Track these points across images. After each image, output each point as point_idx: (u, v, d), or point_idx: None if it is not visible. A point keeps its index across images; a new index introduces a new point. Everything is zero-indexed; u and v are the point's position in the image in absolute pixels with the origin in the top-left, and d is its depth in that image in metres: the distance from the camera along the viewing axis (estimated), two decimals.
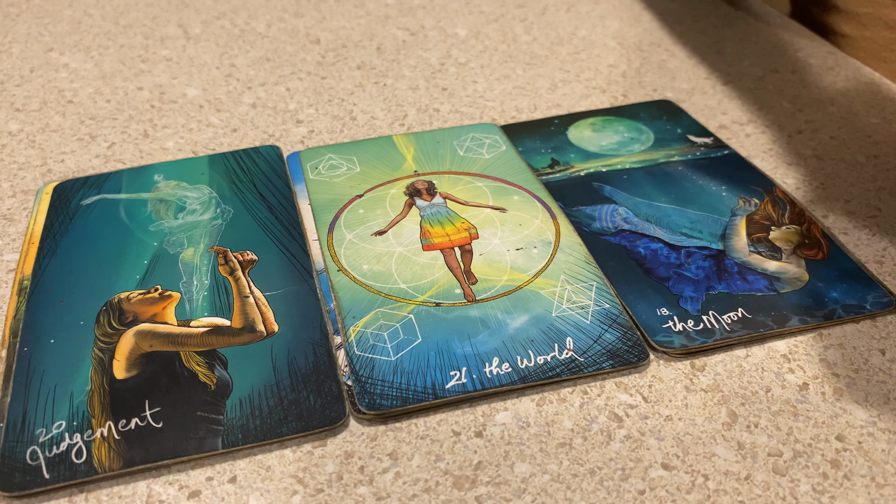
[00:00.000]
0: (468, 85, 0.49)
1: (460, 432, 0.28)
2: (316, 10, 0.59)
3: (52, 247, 0.35)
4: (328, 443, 0.28)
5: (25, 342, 0.31)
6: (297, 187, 0.40)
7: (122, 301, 0.32)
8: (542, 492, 0.26)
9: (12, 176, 0.41)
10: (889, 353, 0.31)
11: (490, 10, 0.59)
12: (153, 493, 0.26)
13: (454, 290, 0.33)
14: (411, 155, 0.42)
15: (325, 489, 0.26)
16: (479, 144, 0.43)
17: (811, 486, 0.26)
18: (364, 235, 0.36)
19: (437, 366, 0.30)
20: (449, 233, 0.36)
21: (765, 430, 0.28)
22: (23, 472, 0.26)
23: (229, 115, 0.46)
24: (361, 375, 0.29)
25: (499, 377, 0.29)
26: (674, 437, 0.28)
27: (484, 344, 0.30)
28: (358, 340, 0.31)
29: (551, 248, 0.35)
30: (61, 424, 0.28)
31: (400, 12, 0.59)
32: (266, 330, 0.31)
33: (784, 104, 0.47)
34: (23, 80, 0.50)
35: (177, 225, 0.37)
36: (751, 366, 0.30)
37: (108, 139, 0.44)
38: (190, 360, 0.30)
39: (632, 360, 0.30)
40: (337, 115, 0.46)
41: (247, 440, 0.27)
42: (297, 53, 0.53)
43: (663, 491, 0.26)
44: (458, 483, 0.26)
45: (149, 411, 0.28)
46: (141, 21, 0.58)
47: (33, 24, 0.57)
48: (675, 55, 0.53)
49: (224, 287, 0.33)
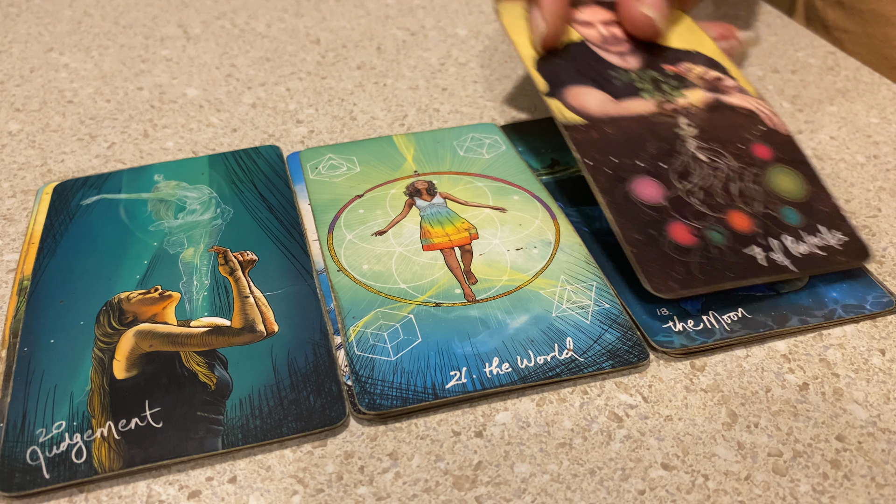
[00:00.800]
0: (468, 85, 0.49)
1: (460, 432, 0.28)
2: (316, 10, 0.59)
3: (52, 247, 0.35)
4: (328, 443, 0.28)
5: (25, 342, 0.31)
6: (297, 187, 0.40)
7: (122, 301, 0.32)
8: (542, 492, 0.26)
9: (12, 176, 0.41)
10: (889, 353, 0.31)
11: (490, 10, 0.59)
12: (153, 493, 0.26)
13: (454, 290, 0.33)
14: (411, 155, 0.42)
15: (325, 489, 0.26)
16: (480, 144, 0.43)
17: (811, 486, 0.26)
18: (364, 235, 0.36)
19: (437, 366, 0.30)
20: (449, 233, 0.36)
21: (765, 430, 0.28)
22: (23, 472, 0.26)
23: (229, 115, 0.46)
24: (361, 375, 0.29)
25: (499, 377, 0.29)
26: (674, 437, 0.28)
27: (484, 344, 0.30)
28: (358, 340, 0.31)
29: (551, 248, 0.35)
30: (61, 424, 0.28)
31: (400, 12, 0.59)
32: (266, 330, 0.31)
33: (784, 104, 0.47)
34: (23, 80, 0.50)
35: (177, 225, 0.37)
36: (751, 366, 0.30)
37: (108, 139, 0.44)
38: (190, 360, 0.30)
39: (632, 361, 0.30)
40: (337, 115, 0.46)
41: (247, 440, 0.27)
42: (297, 53, 0.53)
43: (663, 491, 0.26)
44: (458, 483, 0.26)
45: (149, 411, 0.28)
46: (141, 21, 0.58)
47: (33, 24, 0.57)
48: None
49: (224, 287, 0.33)
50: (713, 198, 0.34)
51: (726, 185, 0.34)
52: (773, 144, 0.36)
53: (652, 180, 0.34)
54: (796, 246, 0.33)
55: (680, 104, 0.37)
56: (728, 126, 0.37)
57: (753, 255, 0.32)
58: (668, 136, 0.36)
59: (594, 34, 0.40)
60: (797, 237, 0.33)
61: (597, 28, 0.41)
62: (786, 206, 0.34)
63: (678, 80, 0.39)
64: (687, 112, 0.37)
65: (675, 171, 0.34)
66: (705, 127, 0.37)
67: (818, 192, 0.35)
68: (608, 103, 0.37)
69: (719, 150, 0.35)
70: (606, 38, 0.40)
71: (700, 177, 0.34)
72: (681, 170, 0.34)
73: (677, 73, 0.39)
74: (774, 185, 0.34)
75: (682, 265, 0.31)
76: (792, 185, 0.35)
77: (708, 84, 0.39)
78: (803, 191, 0.35)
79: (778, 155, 0.36)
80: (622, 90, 0.38)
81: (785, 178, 0.35)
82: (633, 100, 0.38)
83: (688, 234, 0.32)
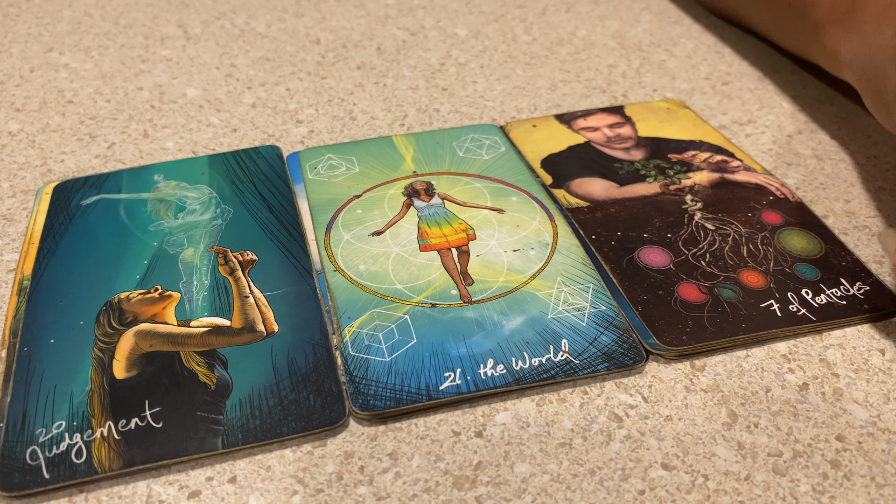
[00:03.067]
0: (468, 85, 0.49)
1: (460, 432, 0.28)
2: (316, 10, 0.59)
3: (52, 247, 0.35)
4: (328, 443, 0.28)
5: (25, 342, 0.31)
6: (297, 187, 0.40)
7: (122, 301, 0.32)
8: (542, 492, 0.26)
9: (12, 176, 0.41)
10: (889, 353, 0.31)
11: (490, 10, 0.59)
12: (153, 493, 0.26)
13: (450, 291, 0.33)
14: (410, 155, 0.42)
15: (325, 489, 0.26)
16: (479, 145, 0.43)
17: (811, 486, 0.26)
18: (361, 236, 0.36)
19: (432, 367, 0.30)
20: (446, 233, 0.36)
21: (765, 431, 0.28)
22: (22, 472, 0.26)
23: (229, 115, 0.46)
24: (356, 376, 0.29)
25: (493, 379, 0.29)
26: (674, 437, 0.28)
27: (479, 345, 0.30)
28: (353, 341, 0.31)
29: (548, 249, 0.35)
30: (61, 424, 0.28)
31: (400, 12, 0.59)
32: (266, 330, 0.31)
33: (784, 104, 0.47)
34: (23, 80, 0.50)
35: (177, 225, 0.37)
36: (751, 366, 0.30)
37: (108, 139, 0.44)
38: (190, 360, 0.30)
39: (627, 363, 0.30)
40: (337, 115, 0.46)
41: (247, 440, 0.27)
42: (297, 53, 0.53)
43: (663, 491, 0.26)
44: (458, 483, 0.26)
45: (149, 411, 0.28)
46: (141, 21, 0.58)
47: (33, 24, 0.57)
48: (675, 55, 0.53)
49: (224, 287, 0.33)
50: (723, 260, 0.34)
51: (736, 248, 0.34)
52: (782, 211, 0.37)
53: (658, 248, 0.34)
54: (815, 297, 0.32)
55: (685, 184, 0.38)
56: (735, 199, 0.37)
57: (769, 307, 0.32)
58: (673, 211, 0.37)
59: (599, 136, 0.42)
60: (816, 290, 0.32)
61: (602, 131, 0.43)
62: (801, 262, 0.34)
63: (683, 165, 0.40)
64: (692, 190, 0.38)
65: (681, 240, 0.34)
66: (711, 201, 0.37)
67: (835, 249, 0.35)
68: (612, 189, 0.38)
69: (727, 219, 0.36)
70: (611, 138, 0.42)
71: (708, 243, 0.34)
72: (687, 238, 0.34)
73: (682, 159, 0.40)
74: (788, 244, 0.34)
75: (692, 319, 0.31)
76: (807, 243, 0.34)
77: (713, 166, 0.40)
78: (819, 248, 0.34)
79: (788, 219, 0.36)
80: (626, 178, 0.39)
81: (798, 238, 0.34)
82: (638, 184, 0.39)
83: (697, 291, 0.32)
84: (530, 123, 0.44)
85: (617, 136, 0.42)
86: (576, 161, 0.41)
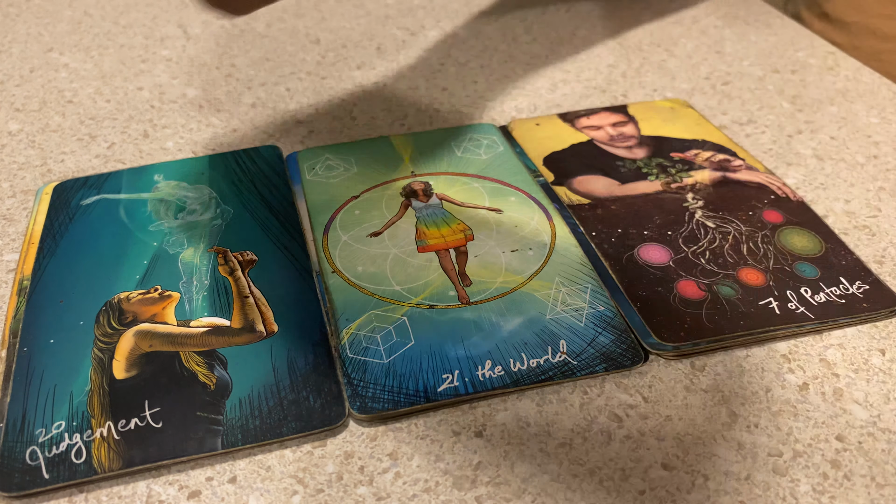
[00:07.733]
0: (468, 85, 0.49)
1: (460, 432, 0.28)
2: (316, 10, 0.59)
3: (51, 247, 0.35)
4: (328, 443, 0.28)
5: (25, 342, 0.31)
6: (296, 188, 0.40)
7: (122, 301, 0.32)
8: (542, 492, 0.26)
9: (12, 176, 0.41)
10: (889, 353, 0.31)
11: (490, 10, 0.59)
12: (153, 494, 0.26)
13: (448, 292, 0.33)
14: (409, 156, 0.42)
15: (325, 489, 0.26)
16: (478, 145, 0.43)
17: (811, 486, 0.26)
18: (359, 237, 0.36)
19: (430, 368, 0.30)
20: (444, 234, 0.36)
21: (765, 430, 0.28)
22: (22, 473, 0.26)
23: (229, 115, 0.46)
24: (353, 378, 0.29)
25: (491, 380, 0.29)
26: (674, 437, 0.28)
27: (477, 347, 0.30)
28: (351, 343, 0.31)
29: (546, 249, 0.35)
30: (61, 424, 0.28)
31: (400, 12, 0.59)
32: (266, 330, 0.31)
33: (784, 104, 0.47)
34: (23, 80, 0.50)
35: (177, 225, 0.37)
36: (751, 366, 0.30)
37: (108, 139, 0.44)
38: (189, 360, 0.30)
39: (626, 364, 0.30)
40: (337, 115, 0.46)
41: (247, 440, 0.27)
42: (297, 53, 0.53)
43: (663, 491, 0.26)
44: (458, 483, 0.26)
45: (148, 411, 0.28)
46: (141, 21, 0.58)
47: (33, 24, 0.57)
48: (675, 55, 0.53)
49: (224, 287, 0.33)
50: (723, 257, 0.34)
51: (736, 246, 0.34)
52: (783, 210, 0.37)
53: (658, 245, 0.34)
54: (814, 296, 0.32)
55: (686, 183, 0.38)
56: (736, 197, 0.38)
57: (767, 305, 0.32)
58: (674, 209, 0.37)
59: (602, 135, 0.43)
60: (815, 289, 0.32)
61: (605, 129, 0.43)
62: (801, 261, 0.34)
63: (684, 164, 0.40)
64: (693, 188, 0.38)
65: (681, 237, 0.34)
66: (712, 199, 0.37)
67: (835, 248, 0.35)
68: (614, 186, 0.39)
69: (728, 218, 0.36)
70: (614, 136, 0.42)
71: (708, 241, 0.34)
72: (688, 235, 0.35)
73: (684, 158, 0.40)
74: (788, 243, 0.34)
75: (690, 316, 0.31)
76: (807, 242, 0.34)
77: (715, 165, 0.40)
78: (819, 247, 0.34)
79: (789, 218, 0.36)
80: (628, 175, 0.39)
81: (798, 237, 0.34)
82: (640, 182, 0.39)
83: (696, 289, 0.32)
84: (534, 122, 0.44)
85: (620, 134, 0.42)
86: (578, 158, 0.41)
